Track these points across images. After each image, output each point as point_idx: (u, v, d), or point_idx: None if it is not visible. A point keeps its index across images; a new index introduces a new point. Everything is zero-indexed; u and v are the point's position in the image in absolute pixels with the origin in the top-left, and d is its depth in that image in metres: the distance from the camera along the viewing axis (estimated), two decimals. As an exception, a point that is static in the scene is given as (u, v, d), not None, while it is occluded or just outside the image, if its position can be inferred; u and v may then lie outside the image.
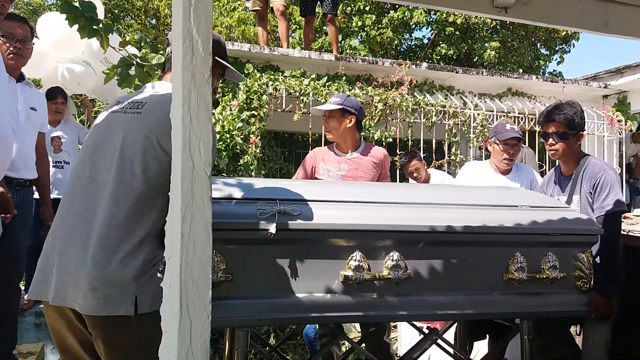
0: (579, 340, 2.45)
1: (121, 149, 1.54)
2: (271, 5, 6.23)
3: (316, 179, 2.92)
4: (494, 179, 3.17)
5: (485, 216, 1.96)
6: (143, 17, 13.55)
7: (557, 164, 2.65)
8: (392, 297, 1.81)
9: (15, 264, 2.85)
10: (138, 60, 2.22)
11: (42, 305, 2.21)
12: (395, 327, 4.19)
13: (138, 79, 2.22)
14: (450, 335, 2.73)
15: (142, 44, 2.27)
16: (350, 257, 1.76)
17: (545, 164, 6.71)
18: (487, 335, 2.84)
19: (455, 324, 2.69)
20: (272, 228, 1.64)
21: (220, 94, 5.62)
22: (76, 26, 2.30)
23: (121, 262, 1.44)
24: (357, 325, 4.40)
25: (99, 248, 1.44)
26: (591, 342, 2.09)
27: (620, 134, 6.99)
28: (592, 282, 2.03)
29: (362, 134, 5.84)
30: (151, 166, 1.52)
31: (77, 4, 2.62)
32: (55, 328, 1.58)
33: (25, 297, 1.51)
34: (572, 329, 2.43)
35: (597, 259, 2.21)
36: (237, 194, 1.81)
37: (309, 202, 1.80)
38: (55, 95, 4.33)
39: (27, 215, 2.96)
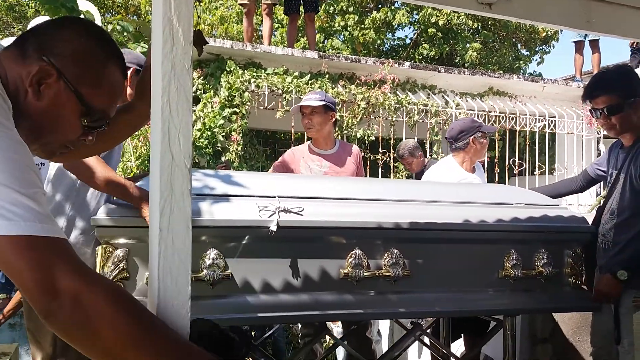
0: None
1: None
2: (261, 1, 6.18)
3: None
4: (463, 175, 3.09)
5: (483, 213, 1.96)
6: (124, 13, 13.37)
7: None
8: (391, 295, 1.80)
9: None
10: None
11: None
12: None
13: None
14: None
15: (125, 34, 2.22)
16: (350, 255, 1.74)
17: (526, 163, 6.77)
18: (462, 335, 2.85)
19: (440, 320, 2.68)
20: (273, 225, 1.61)
21: (202, 91, 5.55)
22: None
23: None
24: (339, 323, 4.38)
25: None
26: (622, 349, 2.07)
27: (598, 133, 7.10)
28: (583, 278, 2.05)
29: (345, 132, 5.84)
30: None
31: None
32: None
33: None
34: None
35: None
36: (235, 190, 1.78)
37: (308, 199, 1.78)
38: None
39: None
